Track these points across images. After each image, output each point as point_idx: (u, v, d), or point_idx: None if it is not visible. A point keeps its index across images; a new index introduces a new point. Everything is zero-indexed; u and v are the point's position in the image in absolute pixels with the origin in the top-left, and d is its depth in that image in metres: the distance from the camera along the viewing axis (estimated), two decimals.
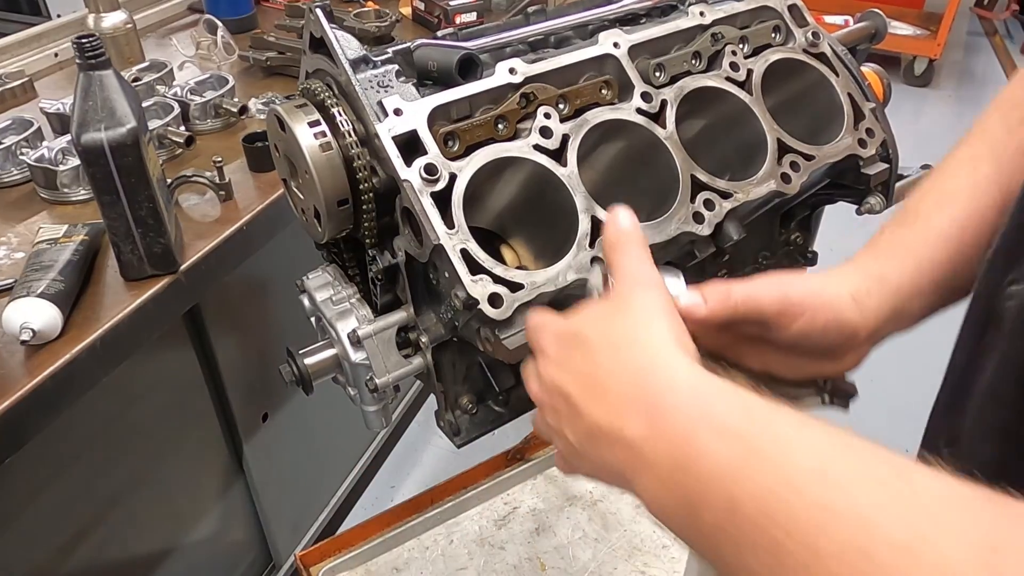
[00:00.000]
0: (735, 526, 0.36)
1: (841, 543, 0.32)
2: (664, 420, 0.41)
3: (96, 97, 0.83)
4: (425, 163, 0.64)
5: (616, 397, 0.44)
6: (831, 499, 0.33)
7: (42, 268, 0.89)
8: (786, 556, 0.34)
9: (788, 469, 0.35)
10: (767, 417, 0.39)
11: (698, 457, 0.39)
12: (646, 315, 0.47)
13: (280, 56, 1.48)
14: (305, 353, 0.80)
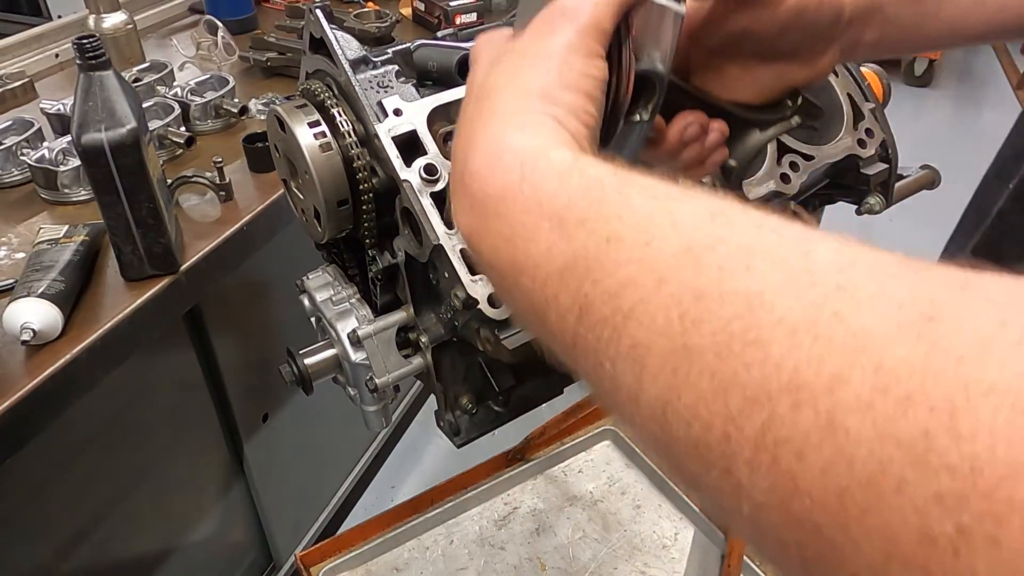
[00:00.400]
0: (588, 329, 0.29)
1: (718, 334, 0.24)
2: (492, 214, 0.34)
3: (96, 98, 0.83)
4: (425, 163, 0.64)
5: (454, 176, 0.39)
6: (702, 284, 0.26)
7: (43, 268, 0.89)
8: (650, 359, 0.26)
9: (647, 255, 0.28)
10: (619, 194, 0.31)
11: (540, 258, 0.32)
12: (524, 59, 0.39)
13: (280, 57, 1.48)
14: (305, 353, 0.80)
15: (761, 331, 0.23)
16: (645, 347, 0.26)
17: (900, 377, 0.20)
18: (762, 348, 0.23)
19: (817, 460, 0.21)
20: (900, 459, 0.19)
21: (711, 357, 0.24)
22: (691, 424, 0.25)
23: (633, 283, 0.28)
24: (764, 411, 0.22)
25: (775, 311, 0.24)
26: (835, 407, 0.21)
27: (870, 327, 0.22)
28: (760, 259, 0.25)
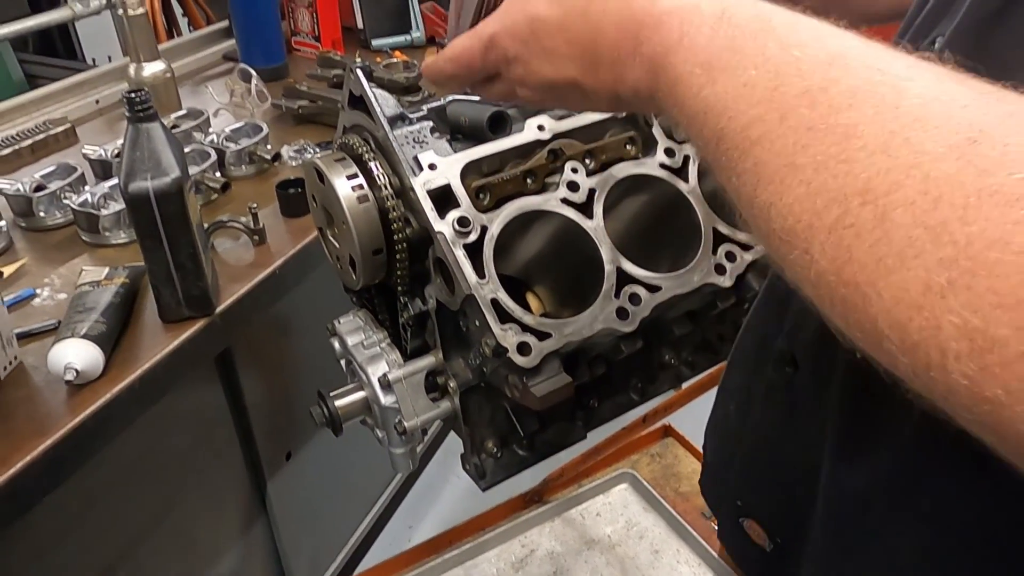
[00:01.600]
0: (724, 155, 0.38)
1: (818, 155, 0.33)
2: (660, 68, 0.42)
3: (143, 148, 0.87)
4: (458, 216, 0.67)
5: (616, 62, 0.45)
6: (814, 119, 0.34)
7: (85, 310, 0.93)
8: (765, 172, 0.35)
9: (774, 97, 0.36)
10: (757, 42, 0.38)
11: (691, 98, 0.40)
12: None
13: (311, 104, 1.54)
14: (336, 395, 0.82)
15: (850, 153, 0.31)
16: (764, 164, 0.35)
17: (939, 183, 0.28)
18: (848, 165, 0.31)
19: (869, 238, 0.30)
20: (923, 237, 0.28)
21: (810, 172, 0.33)
22: (786, 217, 0.34)
23: (761, 119, 0.36)
24: (840, 207, 0.31)
25: (863, 138, 0.31)
26: (889, 203, 0.29)
27: (928, 149, 0.29)
28: (861, 97, 0.33)
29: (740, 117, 0.37)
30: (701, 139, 0.40)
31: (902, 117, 0.31)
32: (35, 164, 1.39)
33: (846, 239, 0.31)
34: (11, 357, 0.91)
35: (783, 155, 0.34)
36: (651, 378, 0.82)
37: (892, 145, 0.30)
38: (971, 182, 0.28)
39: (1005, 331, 0.26)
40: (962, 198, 0.28)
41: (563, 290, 0.77)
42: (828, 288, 0.32)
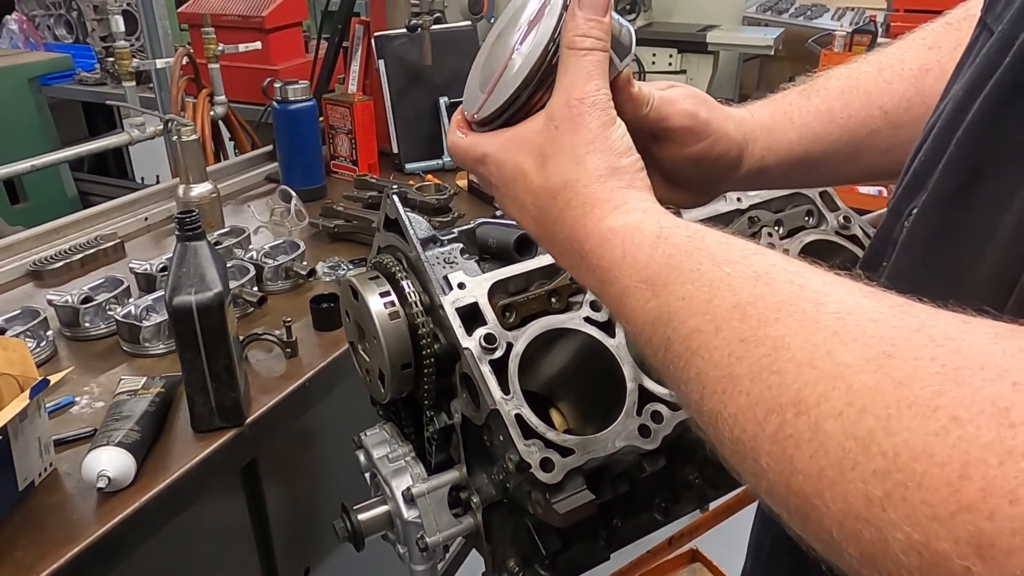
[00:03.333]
0: (670, 362, 0.41)
1: (752, 367, 0.35)
2: (607, 280, 0.46)
3: (190, 264, 0.92)
4: (485, 333, 0.70)
5: (567, 253, 0.50)
6: (744, 331, 0.36)
7: (121, 418, 0.96)
8: (708, 383, 0.38)
9: (708, 309, 0.39)
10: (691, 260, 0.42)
11: (639, 310, 0.43)
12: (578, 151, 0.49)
13: (347, 224, 1.61)
14: (359, 509, 0.83)
15: (780, 364, 0.34)
16: (705, 374, 0.38)
17: (861, 395, 0.30)
18: (779, 376, 0.34)
19: (808, 450, 0.32)
20: (855, 448, 0.30)
21: (747, 382, 0.35)
22: (732, 427, 0.36)
23: (699, 330, 0.39)
24: (779, 418, 0.33)
25: (790, 350, 0.34)
26: (820, 415, 0.32)
27: (848, 361, 0.32)
28: (786, 311, 0.36)
29: (681, 328, 0.40)
30: (651, 347, 0.43)
31: (823, 331, 0.34)
32: (84, 277, 1.46)
33: (788, 449, 0.32)
34: (47, 464, 0.94)
35: (721, 365, 0.37)
36: (675, 497, 0.82)
37: (817, 358, 0.33)
38: (890, 393, 0.29)
39: (945, 545, 0.26)
40: (883, 409, 0.29)
41: (586, 407, 0.79)
42: (782, 499, 0.33)
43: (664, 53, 3.81)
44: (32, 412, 0.90)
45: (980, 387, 0.28)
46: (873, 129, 0.65)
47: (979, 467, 0.26)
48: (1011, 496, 0.25)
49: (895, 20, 3.46)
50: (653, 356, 0.43)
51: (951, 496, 0.26)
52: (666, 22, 4.12)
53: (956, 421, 0.27)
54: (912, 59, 0.66)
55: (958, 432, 0.27)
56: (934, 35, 0.67)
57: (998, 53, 0.44)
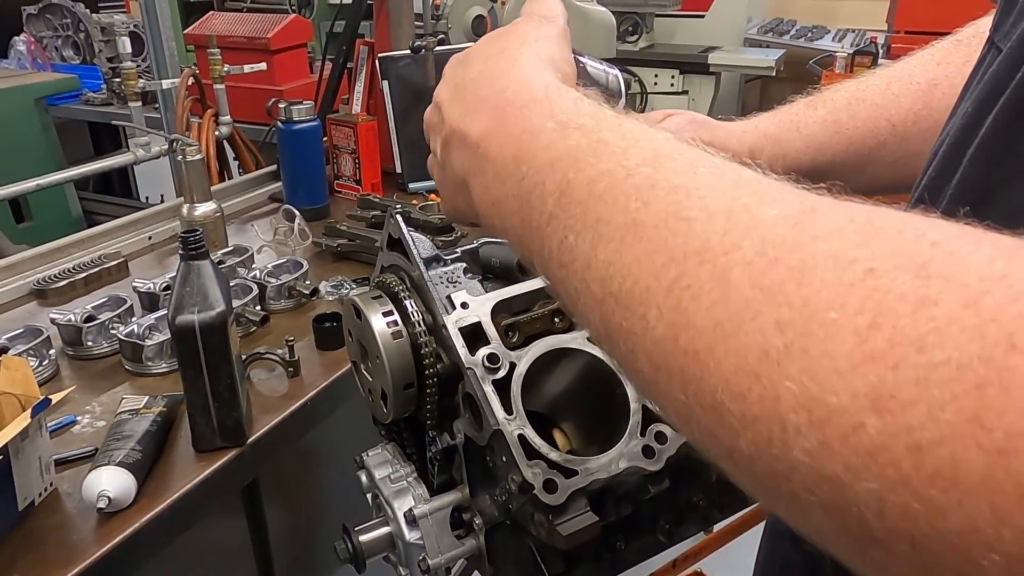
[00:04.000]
0: (563, 208, 0.37)
1: (659, 213, 0.33)
2: (510, 117, 0.42)
3: (193, 284, 0.92)
4: (488, 352, 0.70)
5: (472, 99, 0.46)
6: (658, 178, 0.34)
7: (123, 437, 0.95)
8: (607, 230, 0.34)
9: (625, 156, 0.36)
10: (616, 118, 0.40)
11: (540, 148, 0.40)
12: (526, 35, 0.49)
13: (350, 243, 1.61)
14: (360, 530, 0.82)
15: (690, 212, 0.32)
16: (606, 221, 0.35)
17: (775, 245, 0.29)
18: (687, 223, 0.32)
19: (706, 300, 0.29)
20: (760, 298, 0.28)
21: (651, 229, 0.33)
22: (625, 279, 0.33)
23: (609, 173, 0.36)
24: (679, 267, 0.31)
25: (704, 200, 0.32)
26: (728, 264, 0.29)
27: (766, 216, 0.30)
28: (705, 167, 0.34)
29: (588, 170, 0.37)
30: (540, 192, 0.39)
31: (741, 188, 0.32)
32: (87, 296, 1.46)
33: (684, 301, 0.30)
34: (47, 483, 0.93)
35: (626, 212, 0.34)
36: (679, 519, 0.81)
37: (733, 209, 0.31)
38: (807, 245, 0.28)
39: (841, 398, 0.24)
40: (799, 260, 0.28)
41: (589, 427, 0.78)
42: (665, 358, 0.31)
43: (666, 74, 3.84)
44: (33, 431, 0.90)
45: (899, 244, 0.26)
46: (880, 141, 0.65)
47: (890, 316, 0.24)
48: (919, 344, 0.23)
49: (896, 41, 3.48)
50: (540, 204, 0.39)
51: (856, 347, 0.24)
52: (668, 43, 4.15)
53: (872, 273, 0.26)
54: (920, 74, 0.66)
55: (873, 283, 0.25)
56: (943, 51, 0.68)
57: (1008, 71, 0.44)
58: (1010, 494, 0.21)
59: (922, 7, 3.28)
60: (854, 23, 4.50)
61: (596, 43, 2.53)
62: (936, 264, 0.25)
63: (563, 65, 0.48)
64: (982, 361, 0.22)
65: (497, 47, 0.49)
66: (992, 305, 0.23)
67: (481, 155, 0.44)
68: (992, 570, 0.22)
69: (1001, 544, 0.21)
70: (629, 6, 3.88)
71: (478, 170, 0.44)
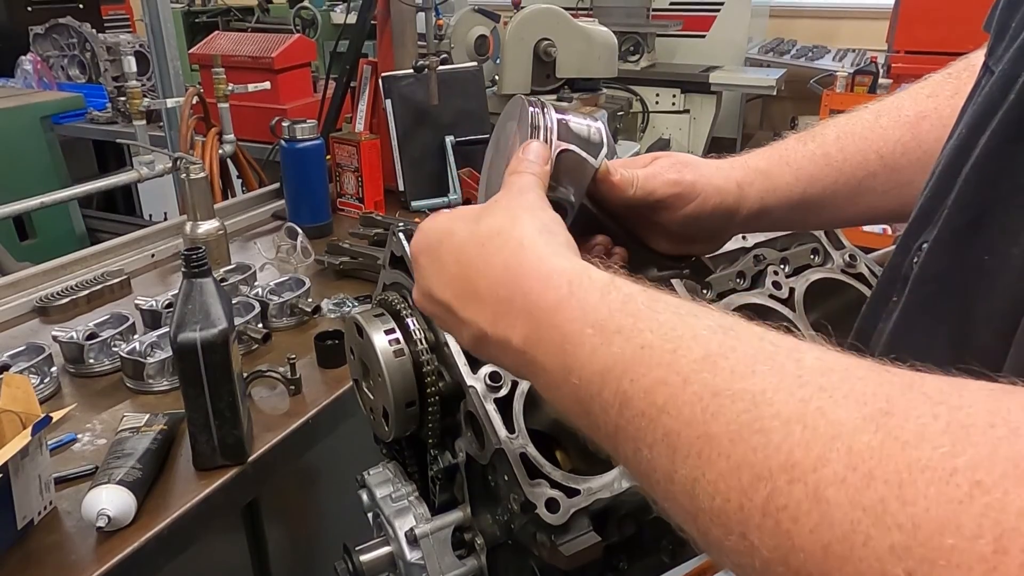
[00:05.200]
0: (628, 421, 0.36)
1: (731, 424, 0.31)
2: (545, 326, 0.41)
3: (196, 301, 0.92)
4: (490, 371, 0.70)
5: (493, 302, 0.44)
6: (718, 384, 0.33)
7: (123, 455, 0.95)
8: (680, 444, 0.33)
9: (674, 360, 0.35)
10: (650, 309, 0.38)
11: (585, 360, 0.38)
12: (513, 209, 0.48)
13: (352, 261, 1.62)
14: (361, 550, 0.82)
15: (763, 422, 0.30)
16: (676, 434, 0.33)
17: (865, 458, 0.27)
18: (764, 435, 0.30)
19: (807, 522, 0.27)
20: (865, 520, 0.26)
21: (727, 443, 0.31)
22: (714, 497, 0.31)
23: (664, 382, 0.35)
24: (768, 485, 0.29)
25: (773, 406, 0.30)
26: (819, 481, 0.28)
27: (843, 419, 0.28)
28: (762, 364, 0.33)
29: (642, 380, 0.35)
30: (599, 405, 0.37)
31: (807, 385, 0.30)
32: (90, 313, 1.46)
33: (783, 523, 0.28)
34: (47, 502, 0.93)
35: (694, 423, 0.33)
36: (682, 539, 0.80)
37: (806, 414, 0.29)
38: (898, 455, 0.26)
39: None
40: (894, 474, 0.26)
41: (592, 446, 0.78)
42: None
43: (667, 93, 3.87)
44: (33, 449, 0.89)
45: (996, 446, 0.25)
46: (870, 172, 0.66)
47: (1015, 538, 0.23)
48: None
49: (896, 61, 3.50)
50: (602, 414, 0.37)
51: (988, 574, 0.23)
52: (669, 63, 4.18)
53: (980, 486, 0.24)
54: (909, 106, 0.68)
55: (984, 499, 0.24)
56: (933, 84, 0.70)
57: (1000, 92, 0.45)
58: None
59: (922, 27, 3.31)
60: (854, 43, 4.53)
61: (597, 63, 2.54)
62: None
63: (557, 231, 0.47)
64: None
65: (487, 227, 0.47)
66: None
67: (530, 362, 0.43)
68: None
69: None
70: (631, 26, 3.91)
71: (532, 374, 0.43)
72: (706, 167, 0.64)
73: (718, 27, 4.17)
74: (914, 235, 0.53)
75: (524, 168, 0.52)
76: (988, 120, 0.44)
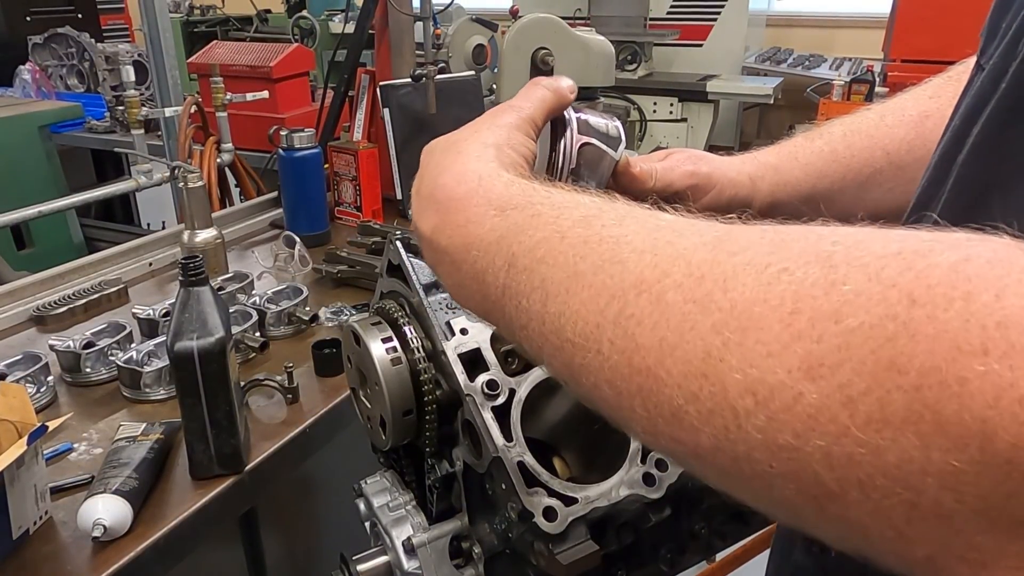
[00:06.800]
0: (512, 278, 0.42)
1: (595, 261, 0.37)
2: (452, 211, 0.47)
3: (193, 310, 0.92)
4: (487, 379, 0.69)
5: (420, 198, 0.51)
6: (589, 235, 0.39)
7: (120, 465, 0.95)
8: (552, 287, 0.39)
9: (558, 223, 0.41)
10: (546, 191, 0.45)
11: (485, 233, 0.44)
12: (480, 124, 0.53)
13: (350, 270, 1.62)
14: (358, 559, 0.81)
15: (622, 255, 0.37)
16: (550, 279, 0.39)
17: (700, 266, 0.33)
18: (621, 265, 0.36)
19: (649, 322, 0.33)
20: (694, 310, 0.32)
21: (590, 276, 0.37)
22: (576, 323, 0.37)
23: (546, 239, 0.41)
24: (620, 301, 0.35)
25: (631, 244, 0.37)
26: (661, 290, 0.34)
27: (687, 245, 0.35)
28: (629, 219, 0.39)
29: (528, 241, 0.42)
30: (491, 271, 0.44)
31: (662, 229, 0.37)
32: (87, 322, 1.46)
33: (630, 328, 0.34)
34: (42, 511, 0.92)
35: (566, 267, 0.39)
36: (681, 548, 0.80)
37: (657, 246, 0.36)
38: (726, 261, 0.32)
39: (779, 376, 0.28)
40: (720, 273, 0.32)
41: (589, 454, 0.78)
42: (624, 381, 0.34)
43: (665, 102, 3.88)
44: (29, 459, 0.89)
45: (805, 246, 0.31)
46: (877, 168, 0.68)
47: (807, 300, 0.28)
48: (835, 316, 0.27)
49: (892, 69, 3.52)
50: (493, 280, 0.43)
51: (783, 330, 0.28)
52: (666, 72, 4.20)
53: (786, 271, 0.30)
54: (912, 106, 0.70)
55: (787, 278, 0.29)
56: (934, 87, 0.71)
57: (991, 83, 0.47)
58: (930, 421, 0.25)
59: (918, 36, 3.32)
60: (851, 52, 4.55)
61: (595, 72, 2.55)
62: (840, 255, 0.29)
63: (506, 150, 0.52)
64: (889, 318, 0.26)
65: (452, 139, 0.54)
66: (891, 274, 0.27)
67: (435, 248, 0.49)
68: (931, 490, 0.25)
69: (931, 466, 0.25)
70: (628, 35, 3.93)
71: (437, 261, 0.50)
72: (719, 161, 0.66)
73: (715, 36, 4.18)
74: (912, 222, 0.53)
75: (540, 82, 0.57)
76: (981, 110, 0.47)
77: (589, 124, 0.62)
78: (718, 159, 0.67)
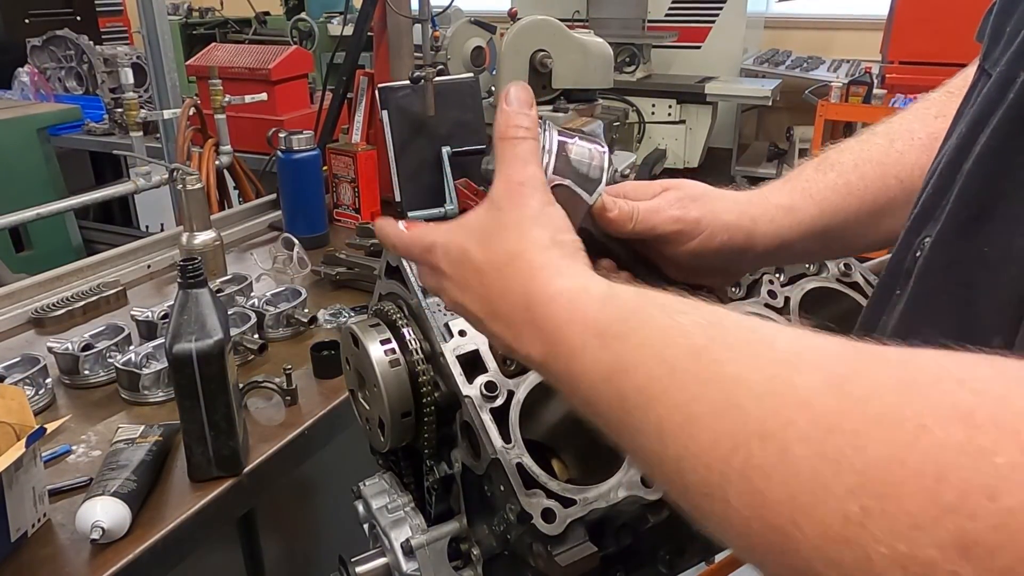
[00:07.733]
0: (628, 414, 0.40)
1: (713, 404, 0.35)
2: (554, 341, 0.45)
3: (191, 312, 0.92)
4: (486, 381, 0.69)
5: (513, 322, 0.49)
6: (701, 372, 0.37)
7: (118, 467, 0.94)
8: (668, 427, 0.37)
9: (664, 355, 0.39)
10: (644, 312, 0.43)
11: (590, 367, 0.43)
12: (522, 225, 0.50)
13: (349, 271, 1.62)
14: (357, 561, 0.81)
15: (740, 399, 0.34)
16: (665, 419, 0.38)
17: (827, 416, 0.31)
18: (740, 410, 0.34)
19: (777, 477, 0.31)
20: (826, 469, 0.29)
21: (709, 420, 0.35)
22: (697, 469, 0.35)
23: (655, 377, 0.39)
24: (745, 451, 0.33)
25: (747, 384, 0.35)
26: (786, 440, 0.31)
27: (808, 386, 0.33)
28: (739, 352, 0.37)
29: (636, 377, 0.40)
30: (604, 404, 0.42)
31: (778, 364, 0.35)
32: (86, 324, 1.46)
33: (757, 481, 0.32)
34: (40, 514, 0.92)
35: (681, 408, 0.37)
36: (680, 550, 0.80)
37: (776, 388, 0.34)
38: (854, 410, 0.30)
39: (931, 552, 0.26)
40: (850, 426, 0.30)
41: (588, 456, 0.78)
42: (757, 537, 0.32)
43: (663, 103, 3.88)
44: (27, 461, 0.89)
45: (941, 396, 0.28)
46: (890, 197, 0.66)
47: (954, 469, 0.26)
48: (989, 492, 0.25)
49: (890, 72, 3.52)
50: (607, 413, 0.42)
51: (930, 501, 0.26)
52: (665, 74, 4.20)
53: (924, 429, 0.28)
54: (920, 128, 0.68)
55: (927, 439, 0.27)
56: (938, 104, 0.70)
57: (998, 92, 0.46)
58: None
59: (916, 38, 3.33)
60: (849, 54, 4.55)
61: (593, 74, 2.56)
62: (983, 412, 0.27)
63: (559, 238, 0.50)
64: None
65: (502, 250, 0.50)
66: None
67: (550, 373, 0.48)
68: None
69: None
70: (627, 37, 3.93)
71: (554, 383, 0.48)
72: (719, 202, 0.63)
73: (714, 38, 4.19)
74: (915, 231, 0.53)
75: (514, 134, 0.53)
76: (987, 119, 0.46)
77: (569, 160, 0.58)
78: (717, 200, 0.64)
